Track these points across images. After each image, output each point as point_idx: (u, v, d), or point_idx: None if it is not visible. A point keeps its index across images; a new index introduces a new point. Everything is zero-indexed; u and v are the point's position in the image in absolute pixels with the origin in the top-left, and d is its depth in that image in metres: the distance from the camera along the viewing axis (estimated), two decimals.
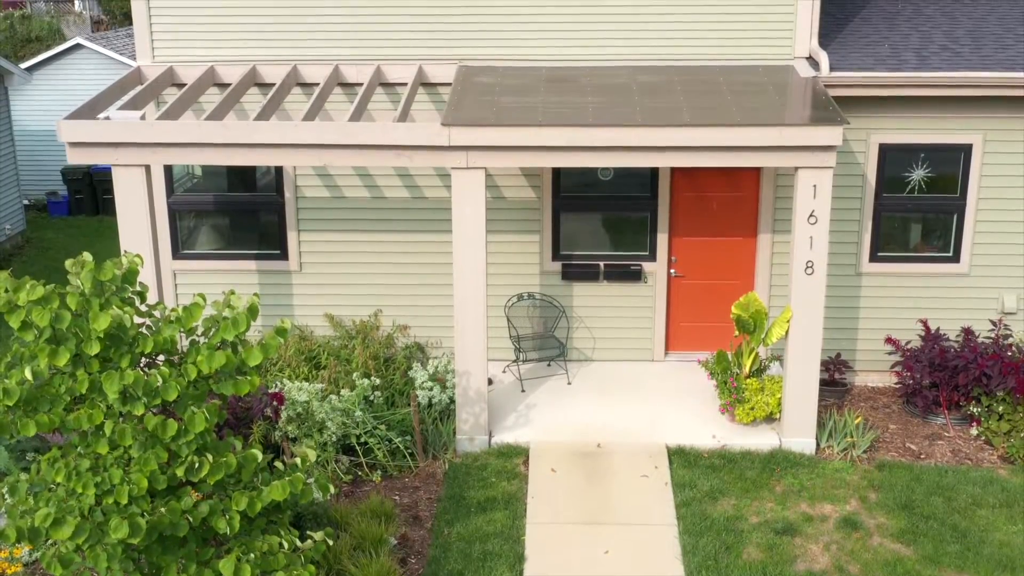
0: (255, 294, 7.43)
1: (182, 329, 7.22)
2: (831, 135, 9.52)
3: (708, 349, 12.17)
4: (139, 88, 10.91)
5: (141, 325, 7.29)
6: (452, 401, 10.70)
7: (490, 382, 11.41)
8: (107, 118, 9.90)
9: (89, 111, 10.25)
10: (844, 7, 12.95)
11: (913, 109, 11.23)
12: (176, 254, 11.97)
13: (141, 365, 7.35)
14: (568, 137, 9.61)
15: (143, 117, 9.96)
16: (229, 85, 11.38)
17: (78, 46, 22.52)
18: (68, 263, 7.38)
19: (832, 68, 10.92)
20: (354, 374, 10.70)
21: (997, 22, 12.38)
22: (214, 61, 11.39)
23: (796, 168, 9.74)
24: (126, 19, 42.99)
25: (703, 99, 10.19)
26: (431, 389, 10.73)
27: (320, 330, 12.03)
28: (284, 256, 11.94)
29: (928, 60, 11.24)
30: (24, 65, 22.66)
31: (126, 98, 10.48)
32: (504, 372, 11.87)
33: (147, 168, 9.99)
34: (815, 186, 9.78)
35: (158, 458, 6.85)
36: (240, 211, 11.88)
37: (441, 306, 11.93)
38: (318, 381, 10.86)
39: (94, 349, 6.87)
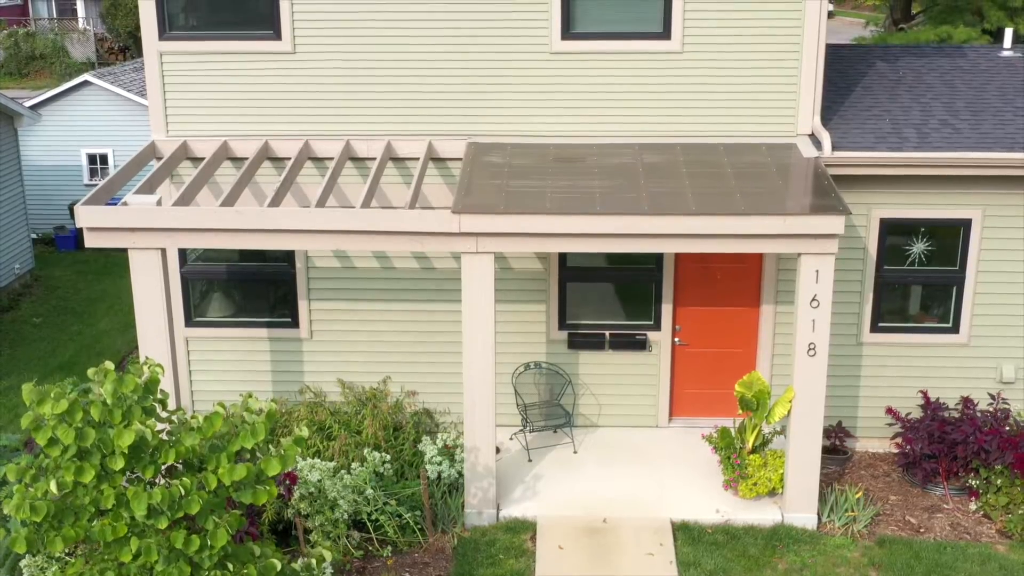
0: (274, 404, 7.61)
1: (203, 438, 7.43)
2: (833, 224, 9.73)
3: (711, 415, 12.39)
4: (154, 167, 11.11)
5: (162, 431, 7.52)
6: (461, 475, 10.91)
7: (497, 450, 11.61)
8: (124, 203, 10.11)
9: (105, 193, 10.46)
10: (846, 74, 13.16)
11: (914, 185, 11.44)
12: (189, 322, 12.17)
13: (162, 472, 7.56)
14: (576, 225, 9.82)
15: (159, 202, 10.16)
16: (243, 159, 11.59)
17: (86, 83, 22.74)
18: (91, 372, 7.60)
19: (834, 147, 11.12)
20: (365, 448, 10.91)
21: (996, 92, 12.59)
22: (227, 136, 11.59)
23: (799, 254, 9.95)
24: (130, 37, 43.24)
25: (707, 183, 10.40)
26: (440, 463, 10.94)
27: (331, 395, 12.23)
28: (295, 324, 12.15)
29: (928, 137, 11.44)
30: (33, 102, 22.89)
31: (142, 179, 10.66)
32: (511, 439, 12.08)
33: (163, 251, 10.19)
34: (817, 271, 9.99)
35: (181, 573, 7.05)
36: (252, 280, 12.08)
37: (449, 373, 12.13)
38: (328, 453, 11.07)
39: (118, 464, 7.10)
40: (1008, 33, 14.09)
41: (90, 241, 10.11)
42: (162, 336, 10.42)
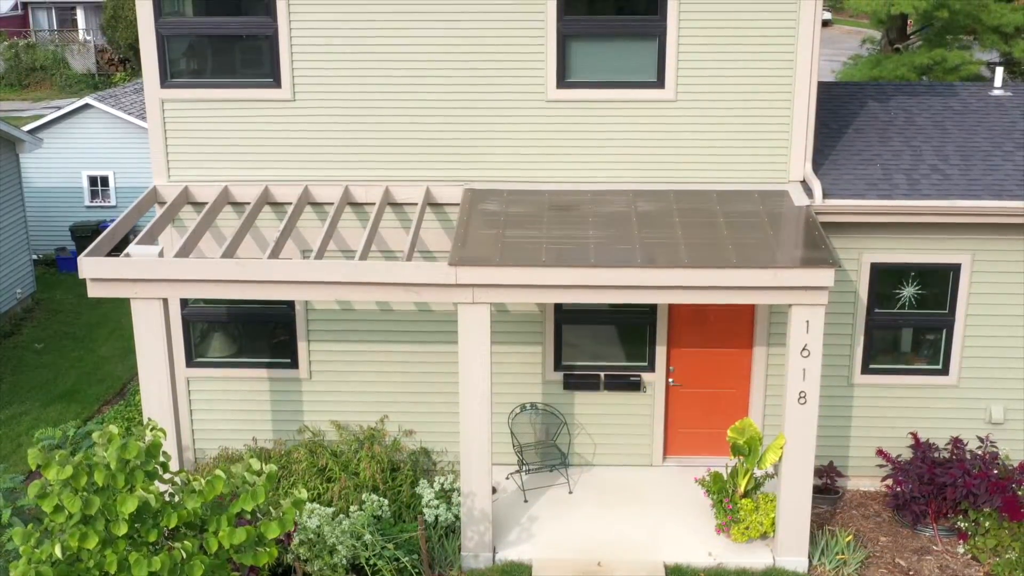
0: (274, 466, 7.77)
1: (204, 501, 7.60)
2: (823, 277, 9.91)
3: (705, 454, 12.57)
4: (156, 215, 11.28)
5: (164, 492, 7.70)
6: (457, 518, 11.08)
7: (494, 490, 11.78)
8: (127, 254, 10.28)
9: (108, 242, 10.63)
10: (838, 114, 13.34)
11: (904, 231, 11.62)
12: (190, 362, 12.34)
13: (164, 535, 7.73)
14: (571, 277, 10.00)
15: (161, 253, 10.34)
16: (243, 204, 11.77)
17: (87, 106, 22.91)
18: (96, 435, 7.77)
19: (825, 195, 11.31)
20: (363, 493, 11.08)
21: (986, 134, 12.77)
22: (228, 181, 11.77)
23: (790, 305, 10.13)
24: (130, 49, 43.39)
25: (700, 233, 10.58)
26: (437, 507, 11.12)
27: (330, 434, 12.40)
28: (295, 365, 12.32)
29: (918, 184, 11.62)
30: (34, 125, 23.06)
31: (144, 229, 10.83)
32: (507, 479, 12.25)
33: (164, 300, 10.37)
34: (808, 322, 10.17)
35: None
36: (252, 322, 12.25)
37: (446, 412, 12.31)
38: (328, 496, 11.25)
39: (122, 530, 7.27)
40: (999, 72, 14.26)
41: (93, 291, 10.29)
42: (163, 381, 10.60)
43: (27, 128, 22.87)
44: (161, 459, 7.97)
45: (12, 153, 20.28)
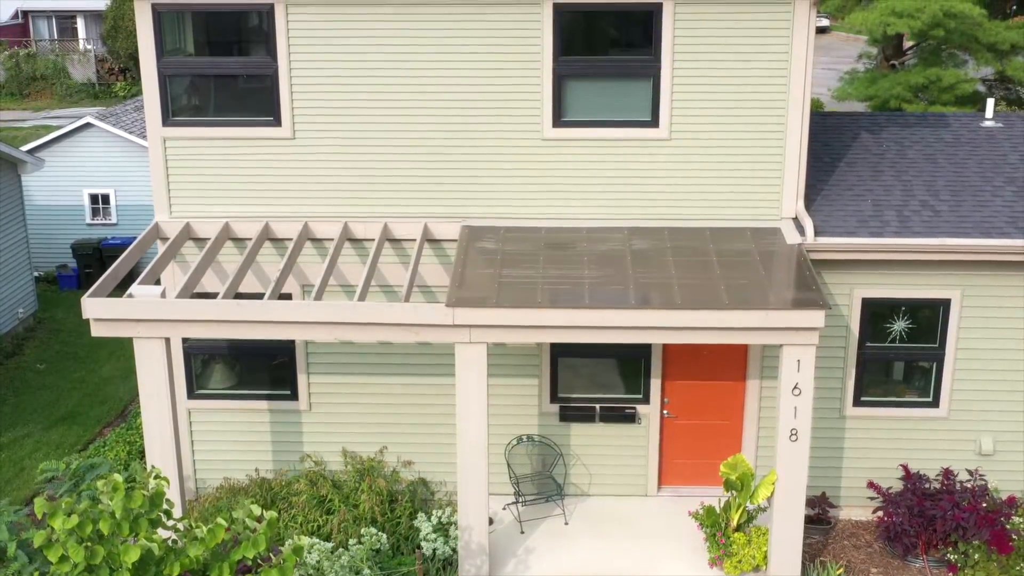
0: (274, 513, 7.95)
1: (206, 549, 7.78)
2: (814, 318, 10.09)
3: (699, 484, 12.75)
4: (158, 251, 11.46)
5: (167, 539, 7.88)
6: (455, 551, 11.26)
7: (491, 521, 11.96)
8: (129, 295, 10.46)
9: (111, 280, 10.81)
10: (831, 146, 13.53)
11: (895, 267, 11.80)
12: (191, 394, 12.52)
13: None
14: (566, 318, 10.19)
15: (163, 294, 10.52)
16: (244, 240, 11.95)
17: (88, 125, 23.05)
18: (99, 484, 7.94)
19: (817, 232, 11.49)
20: (362, 526, 11.26)
21: (977, 168, 12.95)
22: (229, 217, 11.95)
23: (781, 344, 10.31)
24: (131, 59, 43.55)
25: (693, 272, 10.76)
26: (435, 540, 11.30)
27: (331, 464, 12.58)
28: (295, 397, 12.50)
29: (908, 221, 11.80)
30: (36, 144, 23.21)
31: (147, 267, 11.01)
32: (504, 509, 12.43)
33: (166, 340, 10.55)
34: (799, 361, 10.36)
35: None
36: (253, 354, 12.43)
37: (443, 444, 12.48)
38: (327, 528, 11.44)
39: None
40: (990, 103, 14.43)
41: (96, 331, 10.47)
42: (166, 417, 10.78)
43: (29, 147, 23.06)
44: (164, 507, 8.15)
45: (14, 174, 20.45)
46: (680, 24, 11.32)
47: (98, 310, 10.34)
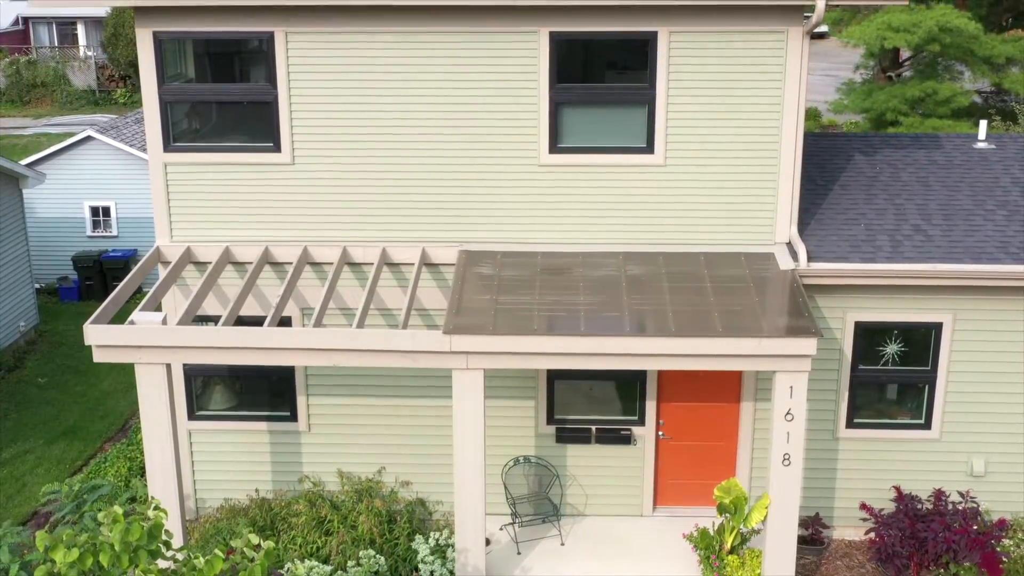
0: (271, 543, 8.09)
1: None
2: (806, 346, 10.24)
3: (693, 504, 12.89)
4: (160, 278, 11.60)
5: (166, 569, 8.02)
6: (452, 573, 11.40)
7: (488, 542, 12.10)
8: (131, 321, 10.60)
9: (113, 306, 10.95)
10: (824, 169, 13.67)
11: (887, 291, 11.94)
12: (192, 415, 12.66)
13: None
14: (561, 345, 10.33)
15: (164, 320, 10.66)
16: (244, 264, 12.09)
17: (89, 138, 23.19)
18: (100, 515, 8.08)
19: (810, 258, 11.64)
20: (361, 548, 11.40)
21: (969, 191, 13.10)
22: (229, 241, 12.09)
23: (774, 371, 10.45)
24: (131, 66, 43.70)
25: (687, 299, 10.90)
26: (432, 563, 11.43)
27: (330, 484, 12.72)
28: (294, 418, 12.64)
29: (901, 246, 11.94)
30: (37, 157, 23.34)
31: (148, 293, 11.15)
32: (501, 530, 12.57)
33: (168, 365, 10.69)
34: (792, 387, 10.50)
35: None
36: (252, 375, 12.57)
37: (440, 464, 12.62)
38: (327, 549, 11.58)
39: None
40: (983, 125, 14.58)
41: (98, 357, 10.61)
42: (166, 440, 10.92)
43: (30, 160, 23.21)
44: (163, 537, 8.29)
45: (16, 188, 20.59)
46: (675, 52, 11.46)
47: (100, 337, 10.48)
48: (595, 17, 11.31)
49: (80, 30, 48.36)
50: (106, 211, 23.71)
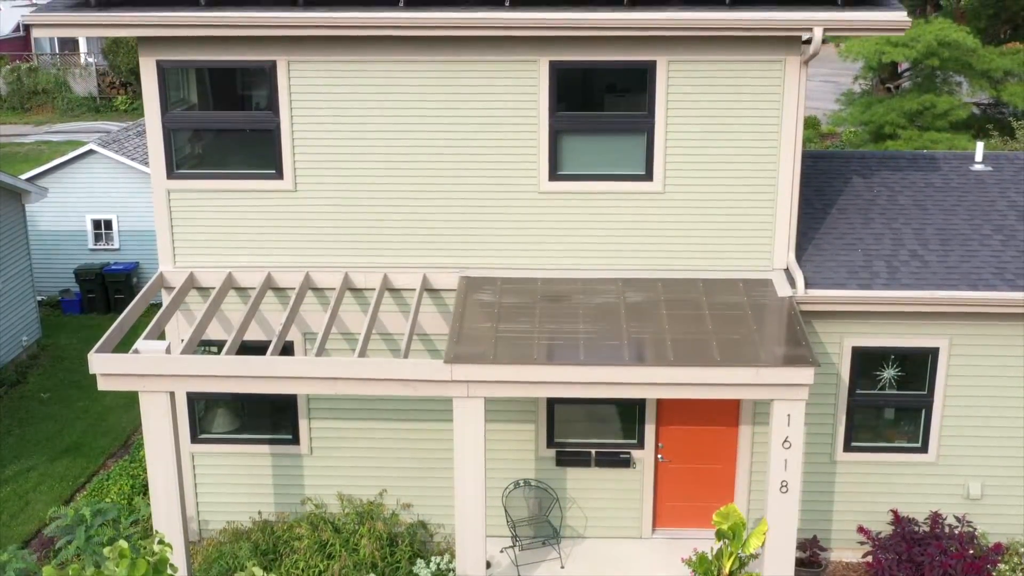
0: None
1: None
2: (803, 375, 10.35)
3: (692, 526, 13.00)
4: (163, 304, 11.70)
5: None
6: None
7: (488, 564, 12.20)
8: (135, 350, 10.70)
9: (117, 333, 11.06)
10: (823, 192, 13.77)
11: (884, 317, 12.04)
12: (194, 438, 12.77)
13: None
14: (561, 375, 10.44)
15: (168, 348, 10.76)
16: (247, 289, 12.20)
17: (91, 151, 23.31)
18: (106, 550, 8.19)
19: (808, 284, 11.74)
20: (362, 572, 11.50)
21: (966, 215, 13.20)
22: (232, 267, 12.19)
23: (772, 400, 10.56)
24: (131, 73, 43.81)
25: (685, 327, 11.01)
26: None
27: (331, 507, 12.83)
28: (296, 441, 12.75)
29: (897, 272, 12.05)
30: (39, 170, 23.45)
31: (152, 324, 11.26)
32: (502, 553, 12.68)
33: (171, 393, 10.80)
34: (789, 415, 10.61)
35: None
36: (255, 399, 12.67)
37: (441, 487, 12.73)
38: (328, 573, 11.68)
39: None
40: (979, 147, 14.67)
41: (103, 385, 10.71)
42: (170, 466, 11.03)
43: (32, 173, 23.33)
44: (168, 572, 8.41)
45: (18, 204, 20.70)
46: (673, 81, 11.57)
47: (105, 366, 10.58)
48: (594, 47, 11.42)
49: (81, 37, 48.42)
50: (108, 224, 23.82)
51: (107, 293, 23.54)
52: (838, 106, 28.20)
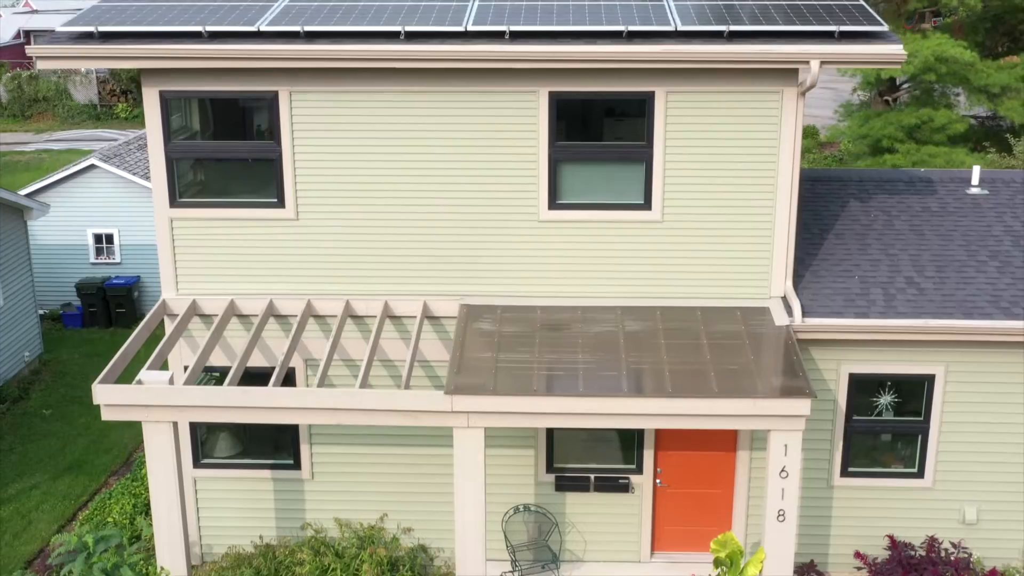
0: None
1: None
2: (800, 407, 10.45)
3: (690, 550, 13.11)
4: (167, 334, 11.81)
5: None
6: None
7: None
8: (139, 381, 10.81)
9: (121, 362, 11.16)
10: (820, 216, 13.87)
11: (881, 345, 12.15)
12: (197, 463, 12.87)
13: None
14: (560, 406, 10.55)
15: (171, 379, 10.86)
16: (249, 316, 12.30)
17: (92, 166, 23.41)
18: None
19: (805, 313, 11.85)
20: None
21: (961, 240, 13.30)
22: (234, 295, 12.30)
23: (769, 430, 10.66)
24: (132, 81, 43.87)
25: (683, 357, 11.11)
26: None
27: (332, 531, 12.94)
28: (297, 466, 12.85)
29: (894, 300, 12.15)
30: (41, 184, 23.55)
31: (155, 353, 11.35)
32: None
33: (174, 424, 10.90)
34: (786, 445, 10.71)
35: None
36: (257, 425, 12.75)
37: (442, 511, 12.84)
38: None
39: None
40: (976, 171, 14.76)
41: (107, 415, 10.82)
42: (173, 493, 11.13)
43: (34, 188, 23.45)
44: None
45: (20, 220, 20.81)
46: (672, 111, 11.67)
47: (109, 397, 10.68)
48: (594, 78, 11.53)
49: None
50: (109, 238, 23.94)
51: (108, 307, 23.65)
52: (837, 116, 28.29)
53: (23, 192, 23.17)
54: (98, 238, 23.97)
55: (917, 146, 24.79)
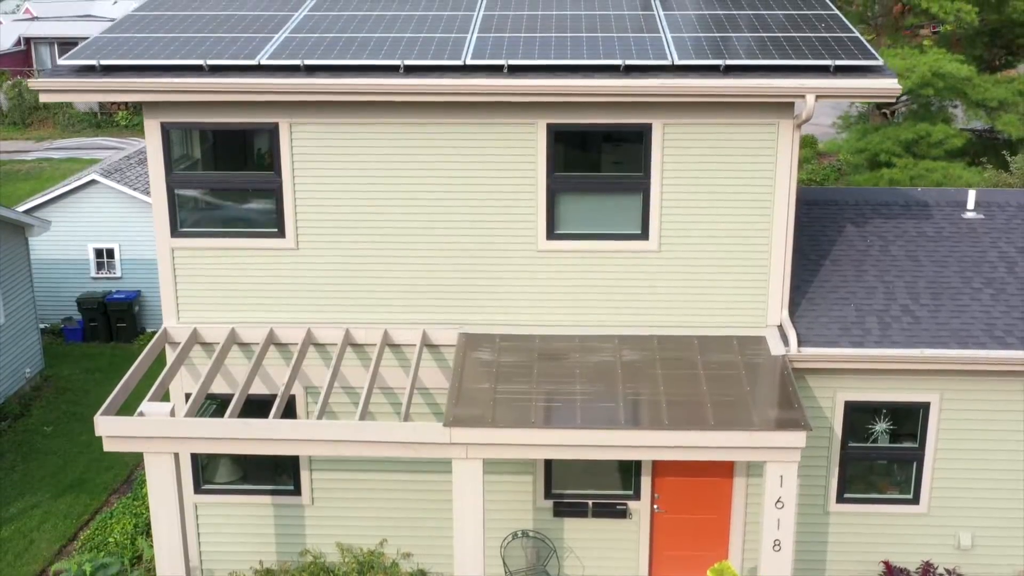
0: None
1: None
2: (796, 439, 10.56)
3: (687, 574, 13.20)
4: (168, 363, 11.91)
5: None
6: None
7: None
8: (140, 413, 10.91)
9: (122, 394, 11.27)
10: (817, 241, 13.98)
11: (876, 373, 12.25)
12: (197, 488, 12.97)
13: None
14: (558, 438, 10.65)
15: (172, 411, 10.96)
16: (249, 345, 12.40)
17: (93, 182, 23.51)
18: None
19: (801, 342, 11.96)
20: None
21: (957, 267, 13.40)
22: (235, 323, 12.40)
23: (764, 462, 10.77)
24: None
25: (680, 388, 11.22)
26: None
27: (331, 556, 13.04)
28: (298, 492, 12.95)
29: (889, 329, 12.26)
30: (42, 199, 23.65)
31: (156, 384, 11.46)
32: None
33: (176, 455, 11.00)
34: (782, 476, 10.82)
35: None
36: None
37: (441, 536, 12.94)
38: None
39: None
40: (971, 194, 14.86)
41: (108, 447, 10.92)
42: (174, 521, 11.22)
43: (35, 203, 23.54)
44: None
45: (22, 237, 20.91)
46: (669, 143, 11.78)
47: (110, 428, 10.79)
48: (591, 111, 11.63)
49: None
50: (110, 253, 24.04)
51: (109, 322, 23.74)
52: (836, 128, 28.39)
53: (24, 207, 23.30)
54: (99, 253, 24.07)
55: (915, 160, 24.89)
